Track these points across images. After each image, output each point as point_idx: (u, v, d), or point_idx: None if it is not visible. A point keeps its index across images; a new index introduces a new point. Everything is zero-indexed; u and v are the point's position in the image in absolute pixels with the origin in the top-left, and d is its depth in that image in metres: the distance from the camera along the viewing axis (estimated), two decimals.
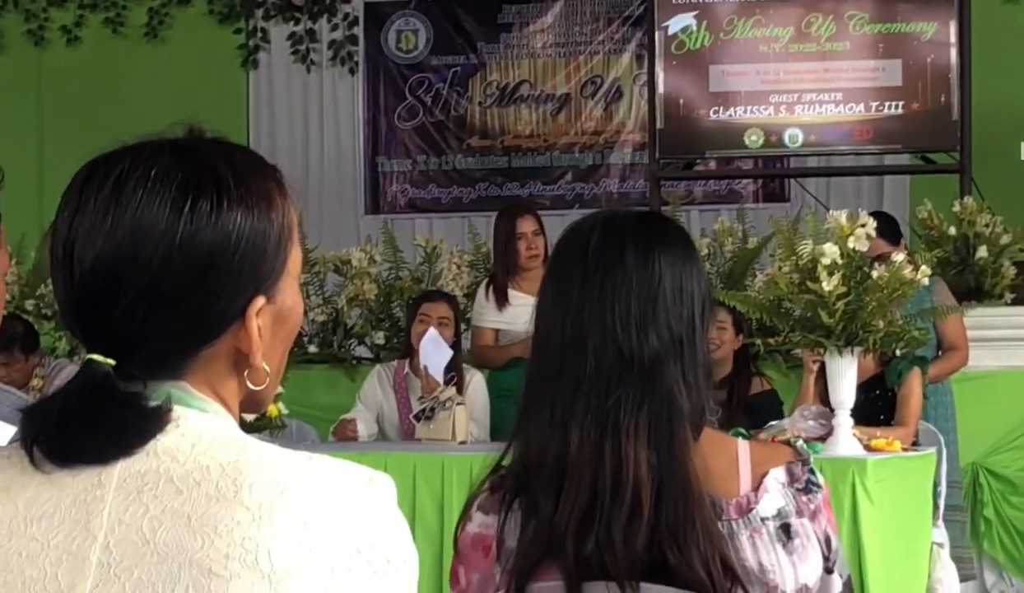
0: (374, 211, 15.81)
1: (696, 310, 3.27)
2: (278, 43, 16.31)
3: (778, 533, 3.25)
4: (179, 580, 2.07)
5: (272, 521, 2.07)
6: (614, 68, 15.64)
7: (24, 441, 2.21)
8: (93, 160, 2.28)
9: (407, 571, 2.20)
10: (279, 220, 2.29)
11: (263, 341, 2.28)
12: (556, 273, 3.39)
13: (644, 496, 3.09)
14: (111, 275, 2.19)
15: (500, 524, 3.27)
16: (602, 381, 3.18)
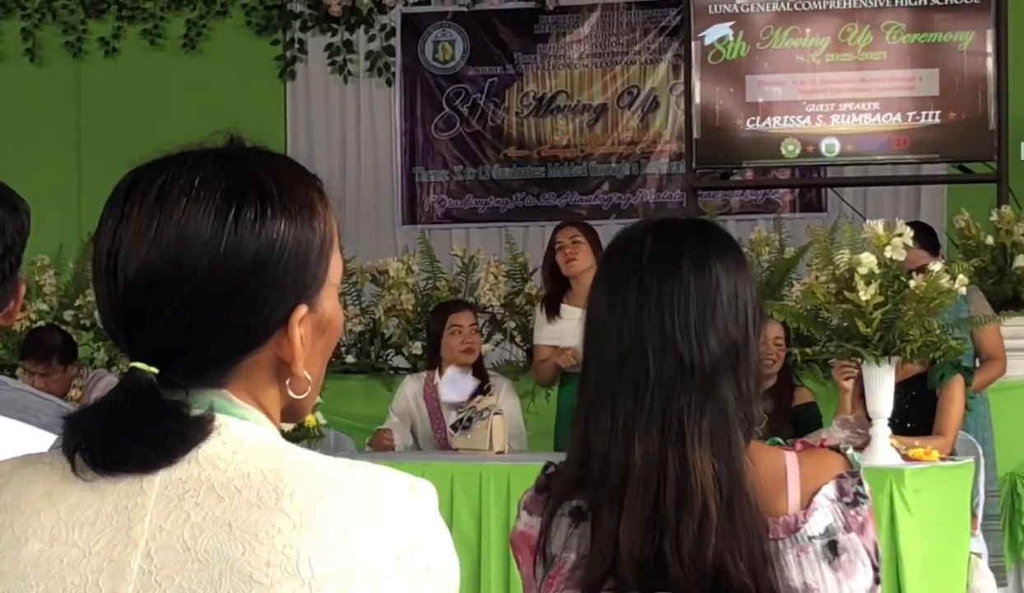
0: (411, 222, 15.82)
1: (750, 317, 3.24)
2: (315, 54, 16.29)
3: (824, 551, 3.22)
4: (220, 587, 2.07)
5: (313, 528, 2.06)
6: (650, 78, 15.61)
7: (66, 448, 2.19)
8: (136, 169, 2.28)
9: (448, 578, 2.18)
10: (321, 229, 2.27)
11: (305, 350, 2.26)
12: (609, 280, 3.34)
13: (711, 505, 3.07)
14: (155, 284, 2.18)
15: (543, 526, 3.26)
16: (664, 389, 3.15)
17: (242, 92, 15.15)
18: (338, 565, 2.07)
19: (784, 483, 3.25)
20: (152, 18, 15.96)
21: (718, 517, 3.06)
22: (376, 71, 16.09)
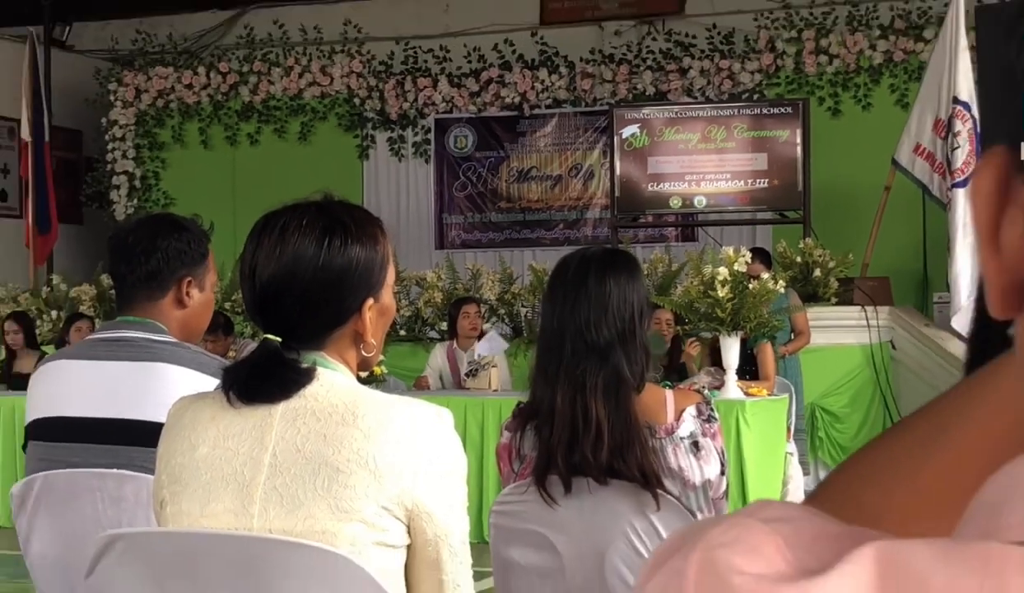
0: (440, 247, 15.64)
1: (636, 312, 3.37)
2: (381, 144, 16.15)
3: (690, 447, 3.46)
4: (318, 475, 2.36)
5: (376, 439, 2.35)
6: (589, 159, 15.64)
7: (224, 388, 2.48)
8: (265, 214, 2.55)
9: (460, 474, 2.48)
10: (381, 251, 2.55)
11: (371, 326, 2.54)
12: (550, 290, 3.49)
13: (604, 428, 3.25)
14: (278, 287, 2.48)
15: (517, 439, 3.47)
16: (574, 359, 3.31)
17: (335, 167, 15.04)
18: (392, 463, 2.36)
19: (664, 406, 3.49)
20: (280, 120, 16.23)
21: (609, 434, 3.24)
22: (419, 154, 16.05)
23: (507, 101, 15.70)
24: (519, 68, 15.65)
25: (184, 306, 3.50)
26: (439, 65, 15.89)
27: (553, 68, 15.59)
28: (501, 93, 15.70)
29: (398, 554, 2.37)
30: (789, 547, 0.62)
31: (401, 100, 15.92)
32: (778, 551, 0.62)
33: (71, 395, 3.46)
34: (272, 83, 16.26)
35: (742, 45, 14.91)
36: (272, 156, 15.70)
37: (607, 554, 3.21)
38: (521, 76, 15.63)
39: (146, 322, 3.44)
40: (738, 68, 14.88)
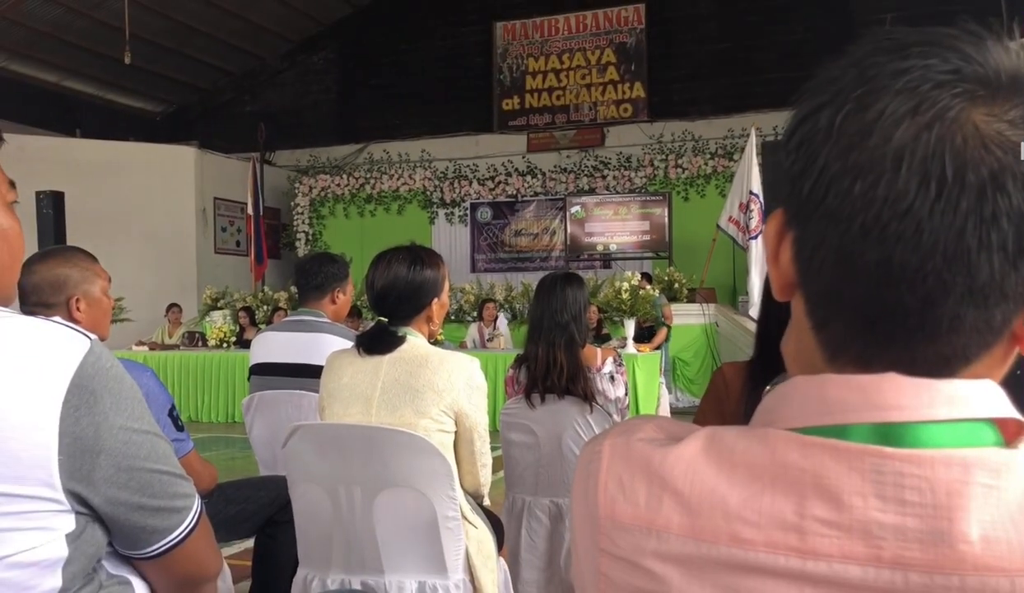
0: (473, 271, 15.14)
1: (581, 307, 3.18)
2: (441, 216, 15.70)
3: (608, 378, 3.35)
4: (407, 393, 2.26)
5: (440, 374, 2.26)
6: (553, 224, 15.08)
7: (356, 346, 2.39)
8: (380, 253, 2.46)
9: (483, 391, 2.36)
10: (442, 272, 2.43)
11: (436, 314, 2.43)
12: (537, 293, 3.25)
13: (564, 367, 3.13)
14: (386, 291, 2.38)
15: (516, 372, 3.30)
16: (549, 329, 3.15)
17: (416, 229, 14.41)
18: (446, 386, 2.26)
19: (596, 356, 3.37)
20: (386, 203, 15.90)
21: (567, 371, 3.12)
22: (461, 221, 15.70)
23: (509, 193, 15.51)
24: (516, 175, 15.49)
25: (335, 304, 3.44)
26: (472, 173, 15.75)
27: (534, 175, 15.42)
28: (506, 189, 15.52)
29: (449, 436, 2.32)
30: (662, 429, 0.64)
31: (451, 193, 15.77)
32: (656, 431, 0.64)
33: (274, 350, 3.45)
34: (382, 184, 16.10)
35: (635, 162, 14.73)
36: (382, 223, 15.57)
37: (563, 436, 3.17)
38: (517, 179, 15.49)
39: (314, 311, 3.42)
40: (633, 175, 14.70)
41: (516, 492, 3.29)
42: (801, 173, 0.58)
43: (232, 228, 15.57)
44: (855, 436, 0.56)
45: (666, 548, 0.58)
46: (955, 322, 0.55)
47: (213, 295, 13.35)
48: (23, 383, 0.98)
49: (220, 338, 11.37)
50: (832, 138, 0.56)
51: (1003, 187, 0.52)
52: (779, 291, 0.64)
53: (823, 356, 0.61)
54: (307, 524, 2.32)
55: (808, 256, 0.59)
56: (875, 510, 0.54)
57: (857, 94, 0.55)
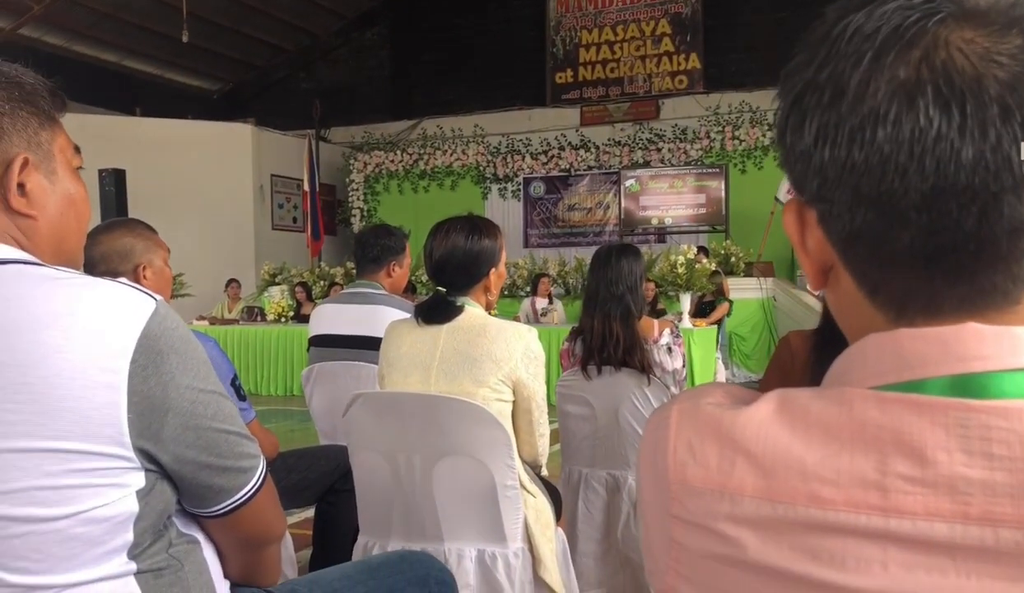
0: (526, 247, 15.03)
1: (637, 278, 3.16)
2: (494, 191, 15.66)
3: (666, 349, 3.30)
4: (465, 361, 2.27)
5: (498, 342, 2.29)
6: (607, 198, 14.88)
7: (415, 316, 2.41)
8: (438, 223, 2.44)
9: (541, 361, 2.36)
10: (499, 242, 2.43)
11: (494, 283, 2.44)
12: (592, 265, 3.24)
13: (621, 339, 3.12)
14: (444, 262, 2.38)
15: (572, 345, 3.30)
16: (604, 300, 3.14)
17: (469, 204, 12.97)
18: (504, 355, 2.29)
19: (653, 328, 3.30)
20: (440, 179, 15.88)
21: (624, 343, 3.11)
22: (514, 197, 15.62)
23: (562, 167, 15.41)
24: (569, 149, 15.39)
25: (391, 276, 3.43)
26: (525, 148, 15.69)
27: (587, 149, 15.30)
28: (559, 163, 15.43)
29: (507, 405, 2.32)
30: (730, 395, 0.64)
31: (504, 168, 15.73)
32: (724, 396, 0.65)
33: (332, 322, 3.47)
34: (435, 159, 16.12)
35: (691, 135, 14.56)
36: (435, 199, 15.54)
37: (619, 409, 3.15)
38: (570, 153, 15.38)
39: (371, 283, 3.43)
40: (689, 148, 14.53)
41: (573, 464, 3.27)
42: (815, 143, 0.58)
43: (289, 205, 15.69)
44: (934, 389, 0.55)
45: (740, 511, 0.58)
46: (1014, 235, 0.55)
47: (271, 271, 13.58)
48: (92, 343, 1.00)
49: (278, 313, 11.54)
50: (837, 97, 0.57)
51: (1021, 92, 0.53)
52: (815, 279, 0.64)
53: (886, 319, 0.60)
54: (367, 492, 2.35)
55: (847, 221, 0.58)
56: (961, 465, 0.53)
57: (847, 50, 0.57)
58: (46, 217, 1.13)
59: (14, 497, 0.98)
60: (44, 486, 0.99)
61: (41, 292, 1.02)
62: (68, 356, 0.99)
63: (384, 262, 3.42)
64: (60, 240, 1.15)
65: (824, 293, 0.66)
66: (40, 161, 1.12)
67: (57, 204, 1.15)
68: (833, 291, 0.63)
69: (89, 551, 1.03)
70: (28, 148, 1.10)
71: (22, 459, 0.98)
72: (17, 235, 1.10)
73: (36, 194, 1.12)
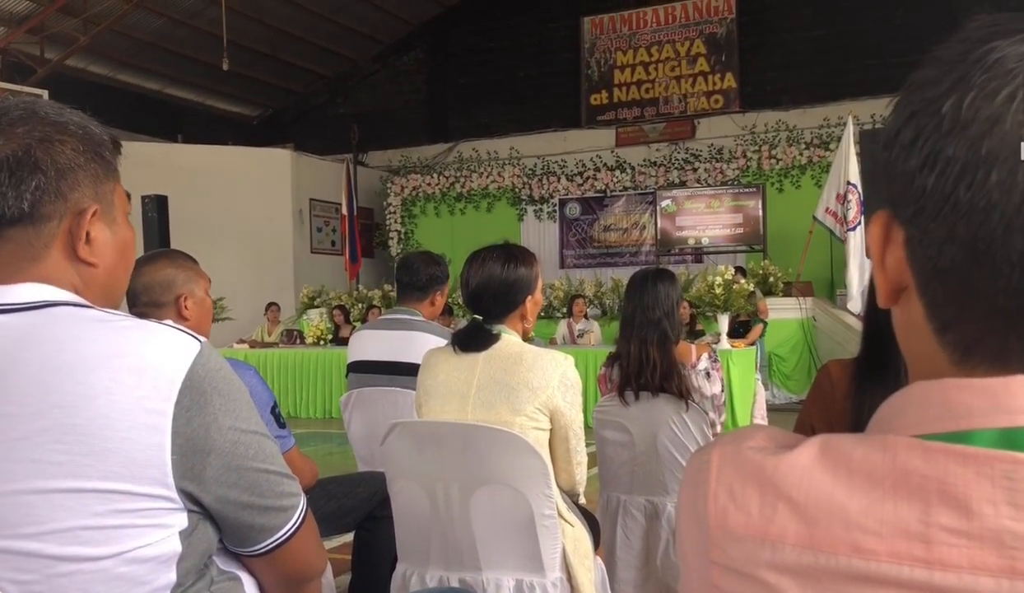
0: (562, 267, 14.95)
1: (674, 303, 3.16)
2: (530, 213, 15.63)
3: (704, 374, 3.33)
4: (502, 390, 2.27)
5: (534, 371, 2.28)
6: (643, 219, 14.76)
7: (452, 344, 2.40)
8: (473, 251, 2.46)
9: (578, 389, 2.35)
10: (535, 270, 2.44)
11: (530, 311, 2.45)
12: (629, 289, 3.24)
13: (657, 364, 3.11)
14: (481, 289, 2.39)
15: (609, 370, 3.29)
16: (641, 326, 3.13)
17: (506, 225, 14.57)
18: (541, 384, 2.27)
19: (690, 353, 3.35)
20: (476, 202, 15.90)
21: (661, 368, 3.10)
22: (550, 218, 15.59)
23: (598, 188, 15.38)
24: (604, 170, 15.36)
25: (434, 305, 3.45)
26: (561, 169, 15.67)
27: (623, 169, 15.25)
28: (594, 184, 15.40)
29: (544, 434, 2.33)
30: (772, 439, 0.63)
31: (540, 189, 15.72)
32: (766, 440, 0.63)
33: (370, 348, 3.48)
34: (472, 182, 16.14)
35: (727, 154, 14.49)
36: (472, 221, 15.65)
37: (658, 435, 3.13)
38: (605, 174, 15.34)
39: (410, 310, 3.44)
40: (725, 167, 14.43)
41: (611, 490, 3.25)
42: (921, 167, 0.56)
43: (327, 228, 15.79)
44: (981, 441, 0.53)
45: (781, 559, 0.56)
46: None
47: (310, 294, 13.71)
48: (138, 385, 1.01)
49: (317, 336, 11.62)
50: (958, 128, 0.54)
51: None
52: (886, 296, 0.62)
53: (949, 358, 0.58)
54: (405, 520, 2.35)
55: (934, 255, 0.57)
56: (1007, 518, 0.51)
57: (981, 80, 0.53)
58: (105, 265, 1.16)
59: (61, 536, 0.99)
60: (90, 526, 1.00)
61: (89, 334, 1.04)
62: (114, 398, 1.00)
63: (430, 291, 3.43)
64: (113, 285, 1.19)
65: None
66: (104, 211, 1.15)
67: (115, 252, 1.18)
68: (902, 314, 0.62)
69: (133, 590, 1.04)
70: (96, 198, 1.13)
71: (69, 499, 0.99)
72: (76, 282, 1.13)
73: (99, 243, 1.14)
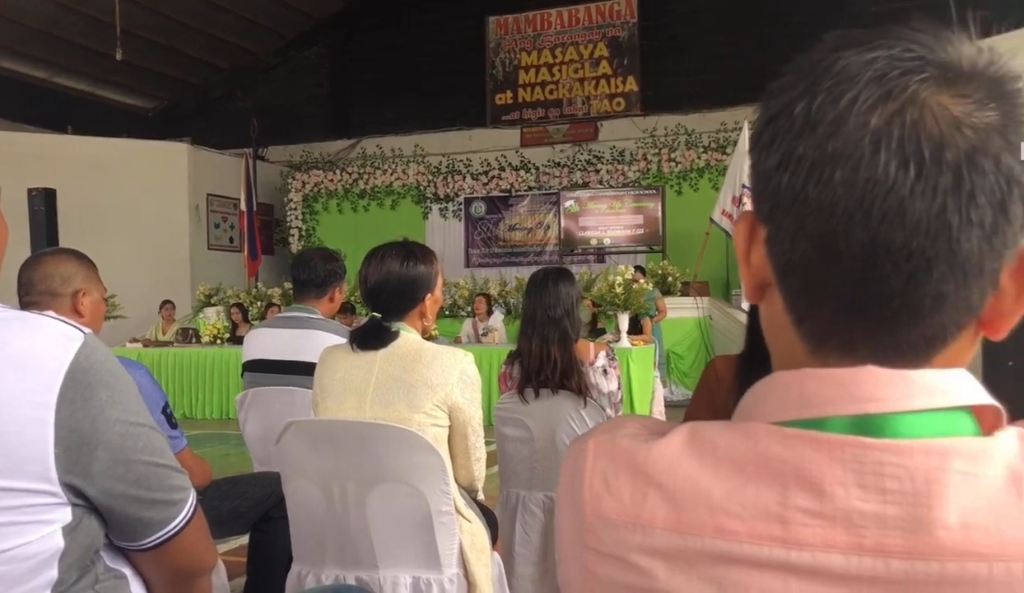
0: (467, 266, 14.92)
1: (574, 301, 3.18)
2: (435, 211, 15.56)
3: (602, 371, 3.34)
4: (400, 388, 2.26)
5: (433, 368, 2.28)
6: (547, 219, 14.90)
7: (350, 342, 2.38)
8: (373, 249, 2.44)
9: (477, 386, 2.35)
10: (435, 268, 2.42)
11: (429, 309, 2.41)
12: (528, 289, 3.24)
13: (557, 363, 3.13)
14: (379, 287, 2.37)
15: (510, 368, 3.29)
16: (542, 324, 3.15)
17: (410, 224, 14.46)
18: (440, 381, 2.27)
19: (589, 350, 3.33)
20: (379, 199, 15.76)
21: (561, 366, 3.12)
22: (455, 216, 15.56)
23: (503, 187, 15.42)
24: (509, 170, 15.40)
25: (332, 301, 3.42)
26: (466, 168, 15.64)
27: (527, 170, 15.33)
28: (499, 183, 15.42)
29: (443, 431, 2.34)
30: (645, 428, 0.64)
31: (445, 188, 15.66)
32: (639, 428, 0.65)
33: (267, 347, 3.43)
34: (375, 179, 15.98)
35: (629, 156, 14.71)
36: (375, 218, 15.54)
37: (557, 431, 3.16)
38: (510, 174, 15.39)
39: (307, 308, 3.40)
40: (627, 169, 14.66)
41: (510, 487, 3.29)
42: (777, 167, 0.58)
43: (225, 224, 15.46)
44: (834, 427, 0.57)
45: (651, 542, 0.59)
46: (937, 300, 0.56)
47: (207, 292, 13.33)
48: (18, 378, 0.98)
49: (214, 335, 11.34)
50: (808, 129, 0.57)
51: (978, 166, 0.54)
52: (751, 292, 0.64)
53: (805, 348, 0.61)
54: (301, 520, 2.33)
55: (788, 248, 0.59)
56: (856, 499, 0.55)
57: (828, 85, 0.56)
58: None
59: None
60: None
61: None
62: None
63: (328, 288, 3.40)
64: None
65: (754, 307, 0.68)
66: None
67: None
68: (766, 308, 0.64)
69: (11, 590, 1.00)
70: None
71: None
72: None
73: None
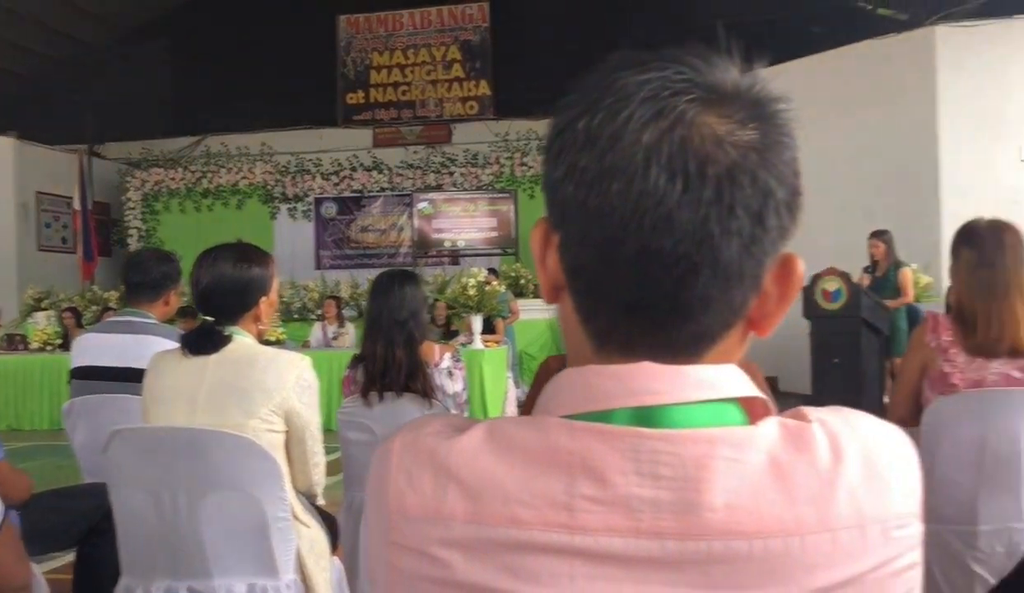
0: (318, 268, 14.76)
1: (419, 303, 3.19)
2: (283, 211, 15.33)
3: (447, 373, 3.37)
4: (234, 395, 2.22)
5: (269, 373, 2.22)
6: (400, 220, 14.84)
7: (181, 346, 2.35)
8: (205, 250, 2.40)
9: (314, 389, 2.34)
10: (270, 270, 2.39)
11: (264, 312, 2.41)
12: (373, 292, 3.24)
13: (403, 365, 3.12)
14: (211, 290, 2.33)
15: (353, 372, 3.27)
16: (388, 327, 3.14)
17: (258, 224, 14.55)
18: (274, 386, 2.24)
19: (435, 353, 3.33)
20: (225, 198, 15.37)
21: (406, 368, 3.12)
22: (305, 217, 15.35)
23: (355, 188, 15.26)
24: (361, 170, 15.25)
25: (168, 305, 3.36)
26: (316, 168, 15.41)
27: (380, 171, 15.22)
28: (351, 184, 15.26)
29: (279, 436, 2.30)
30: (449, 425, 0.66)
31: (294, 187, 15.40)
32: (443, 426, 0.67)
33: (97, 353, 3.31)
34: (220, 177, 15.54)
35: (482, 160, 14.83)
36: (220, 218, 15.09)
37: None
38: (362, 174, 15.24)
39: (140, 312, 3.32)
40: (480, 172, 14.78)
41: (355, 490, 3.27)
42: (563, 178, 0.63)
43: (57, 224, 14.72)
44: (618, 419, 0.60)
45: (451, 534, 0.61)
46: (704, 302, 0.61)
47: (36, 295, 12.61)
48: None
49: (43, 341, 10.71)
50: (589, 143, 0.61)
51: (736, 181, 0.59)
52: (548, 294, 0.68)
53: (591, 347, 0.65)
54: (130, 531, 2.25)
55: (574, 254, 0.64)
56: (635, 486, 0.58)
57: (607, 103, 0.61)
58: None
59: None
60: None
61: None
62: None
63: (163, 291, 3.33)
64: None
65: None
66: None
67: None
68: (561, 309, 0.68)
69: None
70: None
71: None
72: None
73: None
